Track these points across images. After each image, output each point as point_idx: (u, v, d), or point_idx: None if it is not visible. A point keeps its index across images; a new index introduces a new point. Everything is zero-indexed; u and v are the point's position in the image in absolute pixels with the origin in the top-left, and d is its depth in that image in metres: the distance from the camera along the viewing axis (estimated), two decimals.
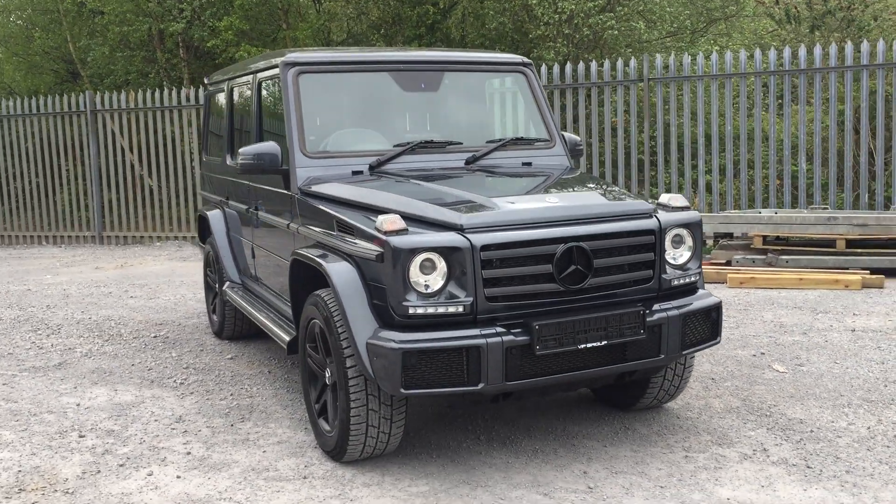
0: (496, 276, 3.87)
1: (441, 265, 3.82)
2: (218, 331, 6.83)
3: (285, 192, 4.98)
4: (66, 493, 4.06)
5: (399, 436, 4.21)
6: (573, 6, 13.86)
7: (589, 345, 3.93)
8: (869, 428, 4.56)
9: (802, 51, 10.28)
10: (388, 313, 3.89)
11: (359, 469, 4.22)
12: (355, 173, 4.89)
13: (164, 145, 13.36)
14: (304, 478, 4.15)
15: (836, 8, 13.22)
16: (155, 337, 7.05)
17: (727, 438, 4.47)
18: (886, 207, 10.08)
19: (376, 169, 4.93)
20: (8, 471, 4.34)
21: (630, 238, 4.12)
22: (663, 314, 4.10)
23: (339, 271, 4.04)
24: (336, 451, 4.24)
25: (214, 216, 6.67)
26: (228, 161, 6.43)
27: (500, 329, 3.83)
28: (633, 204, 4.28)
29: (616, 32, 14.53)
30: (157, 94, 13.29)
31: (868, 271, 8.51)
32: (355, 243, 4.08)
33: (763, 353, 5.98)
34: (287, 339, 4.90)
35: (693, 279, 4.34)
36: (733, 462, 4.18)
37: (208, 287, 7.16)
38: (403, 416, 4.16)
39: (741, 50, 10.81)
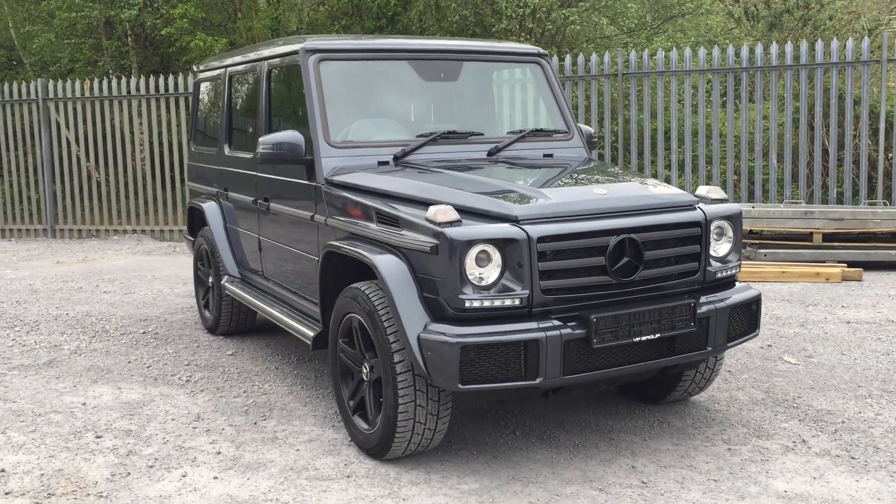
0: (551, 269, 3.80)
1: (496, 257, 3.74)
2: (212, 326, 6.62)
3: (307, 182, 4.84)
4: (100, 496, 3.87)
5: (443, 432, 4.12)
6: (537, 1, 13.87)
7: (643, 337, 3.90)
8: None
9: (771, 48, 10.43)
10: (440, 306, 3.79)
11: (402, 467, 4.12)
12: (381, 163, 4.77)
13: (113, 136, 12.94)
14: (348, 476, 4.03)
15: (793, 7, 13.48)
16: (144, 333, 6.80)
17: (764, 431, 4.48)
18: (839, 202, 10.27)
19: (401, 159, 4.82)
20: (30, 474, 4.12)
21: (678, 230, 4.09)
22: (711, 306, 4.09)
23: (388, 264, 3.92)
24: (378, 448, 4.13)
25: (210, 208, 6.46)
26: (227, 151, 6.24)
27: (557, 322, 3.77)
28: (679, 195, 4.26)
29: (579, 28, 14.60)
30: (106, 83, 12.86)
31: (846, 264, 8.69)
32: (401, 235, 3.98)
33: (770, 346, 6.04)
34: (311, 334, 4.77)
35: (733, 272, 4.34)
36: (777, 454, 4.19)
37: (199, 282, 6.93)
38: (449, 412, 4.08)
39: (701, 47, 10.93)
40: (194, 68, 7.19)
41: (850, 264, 8.74)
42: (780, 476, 3.94)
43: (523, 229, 3.75)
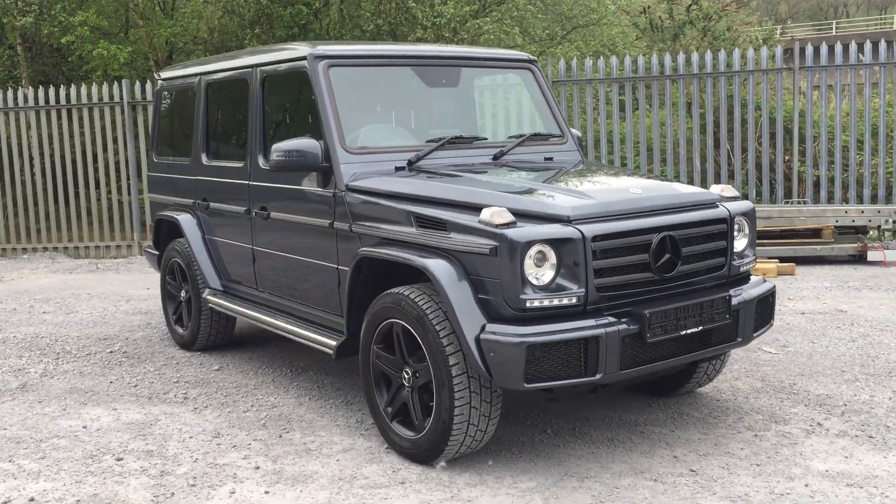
0: (603, 267, 3.90)
1: (551, 257, 3.82)
2: (188, 342, 6.42)
3: (322, 189, 4.78)
4: None
5: (491, 433, 4.15)
6: (452, 10, 14.05)
7: (688, 331, 4.05)
8: (891, 399, 4.94)
9: (684, 58, 10.92)
10: (495, 307, 3.83)
11: (452, 471, 4.13)
12: (398, 169, 4.77)
13: (10, 150, 12.33)
14: (402, 483, 4.01)
15: (696, 18, 14.11)
16: (111, 352, 6.53)
17: (779, 416, 4.71)
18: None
19: (415, 164, 4.83)
20: (63, 501, 3.92)
21: (709, 226, 4.27)
22: (741, 299, 4.28)
23: (442, 267, 3.93)
24: (428, 453, 4.12)
25: (186, 220, 6.27)
26: (205, 160, 6.08)
27: (612, 319, 3.87)
28: (705, 193, 4.44)
29: (492, 38, 14.85)
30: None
31: (777, 260, 9.17)
32: (449, 238, 4.00)
33: None
34: (333, 343, 4.71)
35: (750, 266, 4.55)
36: (801, 438, 4.41)
37: (169, 297, 6.71)
38: (498, 413, 4.12)
39: (612, 57, 11.36)
40: (156, 76, 6.97)
41: (780, 260, 9.22)
42: (814, 457, 4.16)
43: (578, 229, 3.84)
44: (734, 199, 4.59)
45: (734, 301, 4.23)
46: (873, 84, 10.47)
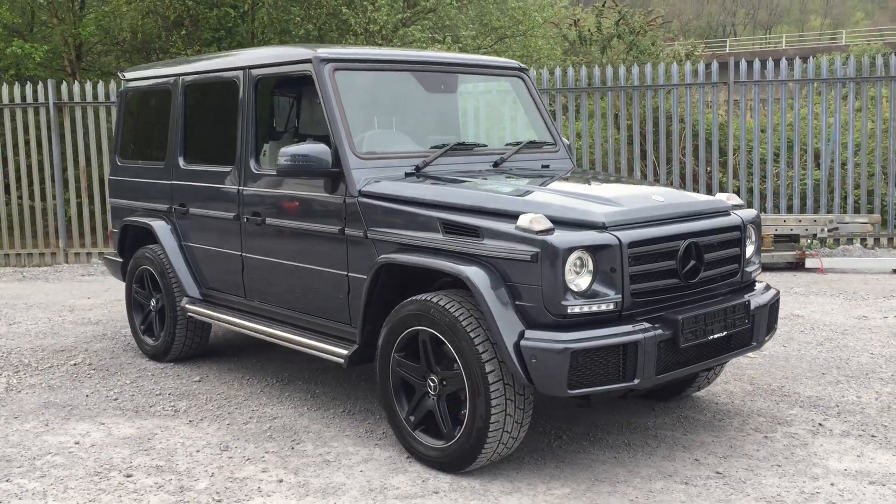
0: (636, 273, 3.94)
1: (589, 263, 3.84)
2: (160, 352, 6.17)
3: (330, 195, 4.69)
4: None
5: (521, 440, 4.14)
6: (385, 17, 14.01)
7: (714, 335, 4.13)
8: (877, 399, 5.15)
9: (612, 71, 11.18)
10: (533, 314, 3.82)
11: (482, 479, 4.09)
12: (408, 175, 4.72)
13: None
14: (435, 492, 3.96)
15: (623, 32, 14.45)
16: (75, 365, 6.23)
17: (779, 418, 4.85)
18: None
19: (422, 170, 4.79)
20: None
21: (726, 233, 4.37)
22: (756, 304, 4.39)
23: (480, 274, 3.90)
24: (459, 461, 4.08)
25: (161, 226, 6.03)
26: (182, 164, 5.88)
27: (647, 324, 3.91)
28: (719, 201, 4.54)
29: (424, 46, 14.86)
30: None
31: None
32: (483, 244, 3.97)
33: None
34: (345, 352, 4.62)
35: (757, 272, 4.68)
36: (808, 438, 4.55)
37: (137, 306, 6.44)
38: (529, 420, 4.11)
39: (543, 68, 11.58)
40: (120, 76, 6.69)
41: None
42: (828, 457, 4.30)
43: (615, 235, 3.87)
44: (740, 206, 4.72)
45: (752, 307, 4.35)
46: (791, 98, 10.93)
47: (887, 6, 75.77)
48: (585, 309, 3.81)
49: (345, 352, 4.63)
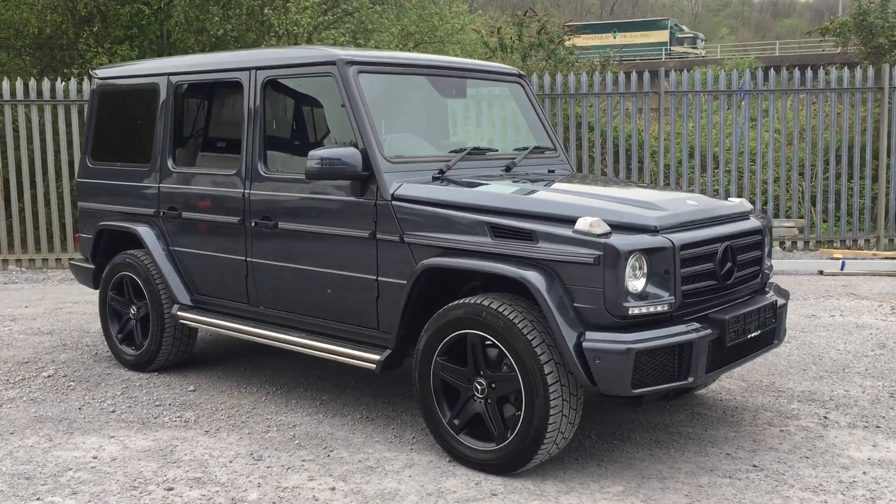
0: (685, 275, 4.08)
1: (644, 265, 3.94)
2: (143, 361, 5.92)
3: (358, 199, 4.64)
4: None
5: (569, 439, 4.20)
6: (309, 19, 13.86)
7: (752, 335, 4.31)
8: (864, 392, 5.46)
9: (537, 80, 11.44)
10: (591, 315, 3.90)
11: (533, 480, 4.13)
12: (435, 179, 4.72)
13: None
14: (494, 494, 3.98)
15: (544, 41, 14.75)
16: (48, 377, 5.92)
17: (785, 412, 5.08)
18: None
19: (445, 174, 4.81)
20: None
21: (752, 237, 4.56)
22: (779, 304, 4.61)
23: (539, 278, 3.95)
24: (512, 463, 4.11)
25: (148, 232, 5.80)
26: (172, 167, 5.68)
27: (698, 325, 4.05)
28: (741, 206, 4.74)
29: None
30: None
31: None
32: (538, 247, 4.02)
33: None
34: (378, 357, 4.58)
35: (771, 275, 4.91)
36: (821, 430, 4.79)
37: (115, 315, 6.17)
38: (579, 419, 4.18)
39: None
40: (93, 73, 6.40)
41: None
42: (848, 447, 4.54)
43: (668, 238, 3.99)
44: (751, 212, 4.93)
45: (777, 307, 4.56)
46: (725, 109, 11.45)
47: (751, 23, 79.95)
48: (644, 310, 3.91)
49: (377, 357, 4.58)
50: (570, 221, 4.00)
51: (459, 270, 4.33)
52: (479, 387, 4.21)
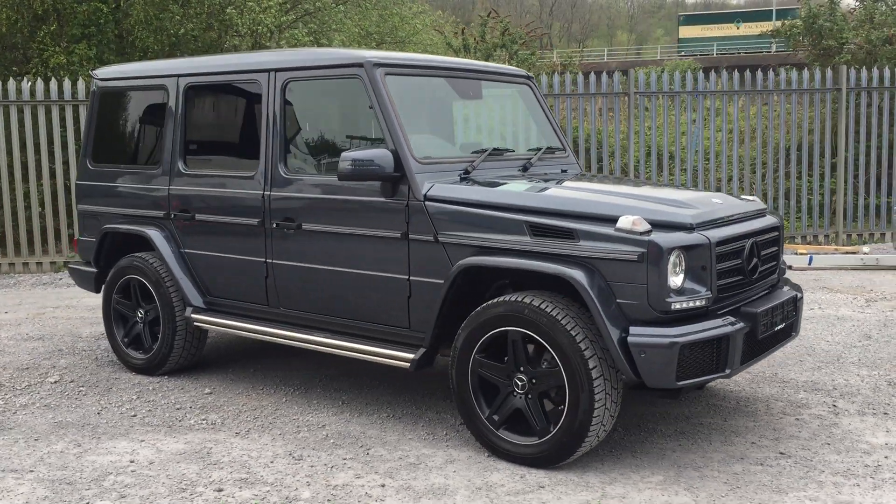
0: (720, 270, 4.23)
1: (682, 262, 4.08)
2: (153, 366, 5.87)
3: (389, 200, 4.69)
4: None
5: (609, 430, 4.32)
6: (272, 19, 13.80)
7: (777, 327, 4.49)
8: (863, 381, 5.70)
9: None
10: (632, 311, 4.02)
11: (576, 472, 4.24)
12: (463, 179, 4.80)
13: None
14: (542, 487, 4.07)
15: (508, 42, 14.92)
16: (54, 383, 5.84)
17: (795, 402, 5.28)
18: None
19: (470, 175, 4.89)
20: None
21: (771, 233, 4.75)
22: (798, 298, 4.80)
23: (584, 275, 4.05)
24: (556, 456, 4.20)
25: (158, 235, 5.76)
26: (183, 169, 5.65)
27: (732, 318, 4.20)
28: (759, 203, 4.91)
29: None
30: None
31: None
32: (578, 245, 4.13)
33: None
34: (412, 356, 4.64)
35: (785, 271, 5.10)
36: (834, 418, 4.99)
37: (120, 319, 6.10)
38: (618, 411, 4.30)
39: None
40: (91, 75, 6.32)
41: None
42: (864, 433, 4.74)
43: (705, 235, 4.14)
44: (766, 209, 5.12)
45: (797, 300, 4.75)
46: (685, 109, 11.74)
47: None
48: (684, 305, 4.05)
49: (411, 356, 4.64)
50: (611, 220, 4.12)
51: (494, 269, 4.42)
52: (519, 382, 4.30)
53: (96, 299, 8.76)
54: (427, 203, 4.59)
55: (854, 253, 10.91)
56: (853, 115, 11.93)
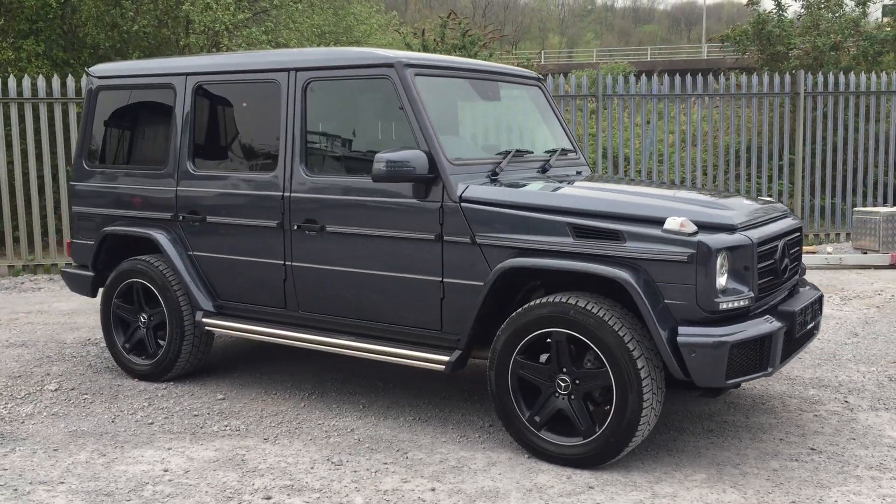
0: (760, 270, 4.31)
1: (726, 262, 4.14)
2: (158, 371, 5.71)
3: (422, 201, 4.66)
4: None
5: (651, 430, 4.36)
6: (231, 17, 13.58)
7: (808, 326, 4.59)
8: (864, 377, 5.86)
9: None
10: (680, 311, 4.07)
11: (621, 472, 4.27)
12: (493, 180, 4.80)
13: None
14: (590, 487, 4.09)
15: (468, 44, 14.93)
16: (56, 391, 5.65)
17: (808, 399, 5.41)
18: None
19: (497, 176, 4.88)
20: None
21: (796, 234, 4.85)
22: (821, 297, 4.92)
23: (634, 277, 4.08)
24: (601, 456, 4.22)
25: (165, 237, 5.60)
26: (193, 170, 5.52)
27: (771, 317, 4.28)
28: (782, 205, 5.02)
29: (268, 47, 14.53)
30: None
31: None
32: (625, 246, 4.16)
33: None
34: (447, 358, 4.61)
35: (805, 272, 5.22)
36: (850, 413, 5.13)
37: (121, 324, 5.91)
38: (661, 411, 4.34)
39: None
40: (87, 72, 6.11)
41: None
42: (885, 427, 4.88)
43: (747, 236, 4.21)
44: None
45: (821, 300, 4.87)
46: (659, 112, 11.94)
47: (614, 28, 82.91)
48: (731, 305, 4.11)
49: (446, 358, 4.61)
50: (657, 222, 4.16)
51: (528, 270, 4.42)
52: (562, 384, 4.31)
53: (69, 304, 8.52)
54: (463, 205, 4.57)
55: (814, 253, 11.22)
56: (810, 119, 12.27)
